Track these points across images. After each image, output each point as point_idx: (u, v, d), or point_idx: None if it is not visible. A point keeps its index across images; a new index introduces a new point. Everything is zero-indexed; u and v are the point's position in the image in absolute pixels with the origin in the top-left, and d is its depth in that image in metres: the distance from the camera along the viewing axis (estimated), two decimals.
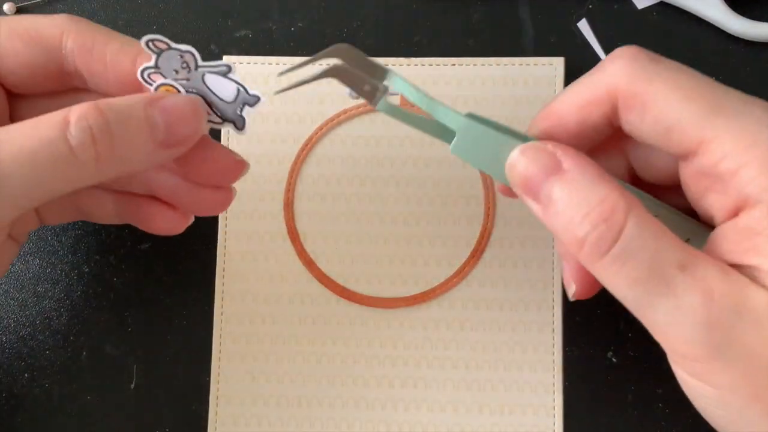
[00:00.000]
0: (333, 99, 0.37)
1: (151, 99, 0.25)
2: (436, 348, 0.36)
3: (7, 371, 0.37)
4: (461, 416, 0.35)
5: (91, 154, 0.24)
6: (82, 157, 0.24)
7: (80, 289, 0.37)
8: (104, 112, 0.24)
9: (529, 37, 0.38)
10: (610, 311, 0.36)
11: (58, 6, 0.39)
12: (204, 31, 0.38)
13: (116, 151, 0.25)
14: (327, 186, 0.37)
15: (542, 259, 0.36)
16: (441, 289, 0.36)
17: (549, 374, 0.35)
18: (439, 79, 0.37)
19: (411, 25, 0.38)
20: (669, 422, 0.35)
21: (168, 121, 0.25)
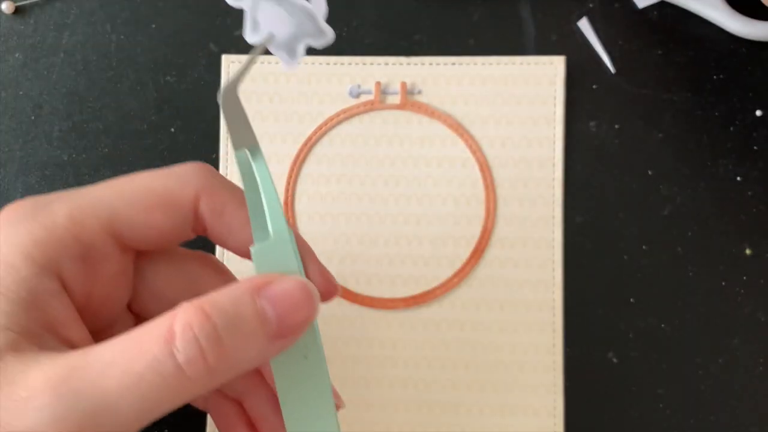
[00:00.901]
0: (333, 99, 0.37)
1: (257, 287, 0.23)
2: (436, 348, 0.36)
3: None
4: (462, 417, 0.35)
5: (200, 367, 0.22)
6: (192, 373, 0.22)
7: None
8: (210, 316, 0.22)
9: (529, 36, 0.37)
10: (611, 311, 0.36)
11: (57, 5, 0.38)
12: (204, 31, 0.38)
13: (227, 359, 0.22)
14: (327, 186, 0.37)
15: (543, 260, 0.36)
16: (441, 289, 0.36)
17: (549, 375, 0.35)
18: (439, 79, 0.37)
19: (411, 24, 0.38)
20: (669, 422, 0.35)
21: (280, 312, 0.23)
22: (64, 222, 0.24)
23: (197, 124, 0.38)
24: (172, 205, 0.25)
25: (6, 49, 0.38)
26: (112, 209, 0.24)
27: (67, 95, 0.38)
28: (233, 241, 0.26)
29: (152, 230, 0.25)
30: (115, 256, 0.25)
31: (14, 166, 0.38)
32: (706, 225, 0.36)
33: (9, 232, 0.23)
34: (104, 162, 0.38)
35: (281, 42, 0.27)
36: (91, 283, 0.24)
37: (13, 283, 0.22)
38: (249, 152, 0.24)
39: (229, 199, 0.26)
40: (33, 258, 0.23)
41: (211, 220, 0.26)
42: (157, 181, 0.25)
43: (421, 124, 0.37)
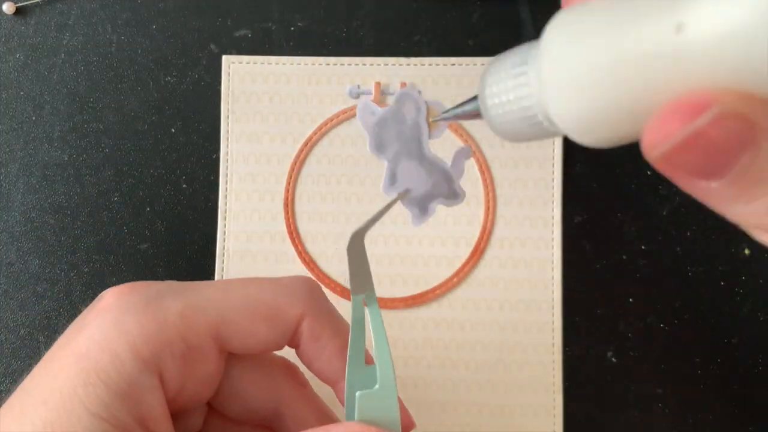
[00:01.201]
0: (333, 99, 0.37)
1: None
2: (436, 348, 0.36)
3: (7, 371, 0.37)
4: (461, 416, 0.35)
5: None
6: None
7: (79, 289, 0.37)
8: None
9: (529, 37, 0.37)
10: (610, 311, 0.36)
11: (58, 6, 0.39)
12: (204, 31, 0.38)
13: None
14: (327, 186, 0.37)
15: (542, 260, 0.36)
16: (441, 289, 0.36)
17: (549, 374, 0.35)
18: (439, 79, 0.37)
19: (411, 24, 0.38)
20: (669, 422, 0.35)
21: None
22: (175, 321, 0.24)
23: (197, 124, 0.38)
24: (277, 320, 0.25)
25: (7, 50, 0.39)
26: (220, 314, 0.25)
27: (68, 95, 0.38)
28: (320, 367, 0.27)
29: (254, 339, 0.25)
30: (213, 357, 0.25)
31: (15, 166, 0.38)
32: (706, 225, 0.36)
33: (119, 319, 0.23)
34: (105, 162, 0.38)
35: (415, 198, 0.27)
36: (185, 380, 0.24)
37: (116, 374, 0.23)
38: (365, 298, 0.25)
39: (328, 327, 0.26)
40: (139, 353, 0.23)
41: (306, 342, 0.26)
42: (267, 292, 0.26)
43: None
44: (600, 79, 0.15)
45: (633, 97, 0.14)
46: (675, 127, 0.14)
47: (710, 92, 0.14)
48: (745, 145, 0.14)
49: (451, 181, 0.26)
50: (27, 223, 0.37)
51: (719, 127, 0.14)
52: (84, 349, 0.23)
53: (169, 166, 0.38)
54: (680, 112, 0.14)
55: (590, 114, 0.15)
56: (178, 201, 0.37)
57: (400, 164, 0.26)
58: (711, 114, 0.14)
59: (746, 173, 0.15)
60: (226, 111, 0.37)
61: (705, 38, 0.13)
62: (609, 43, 0.14)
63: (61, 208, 0.38)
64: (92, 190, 0.38)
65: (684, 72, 0.13)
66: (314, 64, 0.38)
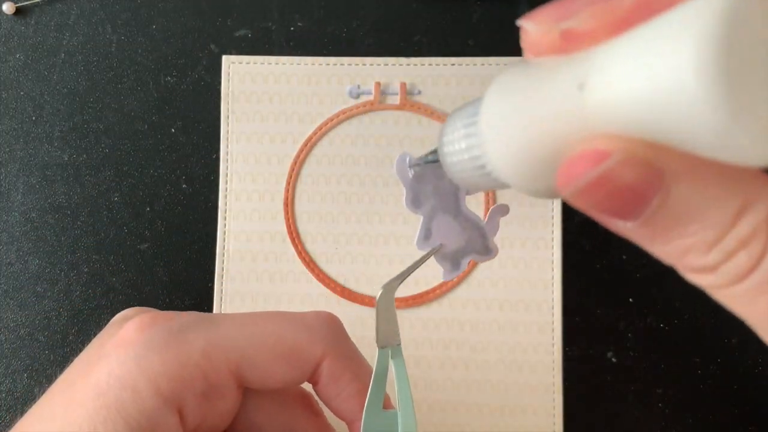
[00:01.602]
0: (333, 99, 0.37)
1: None
2: (436, 348, 0.36)
3: (7, 371, 0.37)
4: (461, 416, 0.35)
5: None
6: None
7: (79, 289, 0.37)
8: None
9: None
10: (610, 311, 0.36)
11: (57, 6, 0.39)
12: (204, 31, 0.38)
13: None
14: (327, 186, 0.37)
15: (542, 260, 0.36)
16: (441, 289, 0.36)
17: (549, 374, 0.35)
18: (439, 79, 0.37)
19: (411, 24, 0.38)
20: (669, 422, 0.35)
21: None
22: (197, 359, 0.24)
23: (197, 124, 0.38)
24: (298, 359, 0.25)
25: (7, 50, 0.39)
26: (242, 353, 0.25)
27: (68, 96, 0.38)
28: (336, 405, 0.27)
29: (273, 378, 0.25)
30: (232, 393, 0.25)
31: (15, 166, 0.38)
32: None
33: (141, 354, 0.23)
34: (105, 162, 0.38)
35: (447, 254, 0.27)
36: (204, 415, 0.24)
37: (136, 411, 0.23)
38: (391, 351, 0.25)
39: (348, 368, 0.26)
40: (160, 390, 0.23)
41: (325, 381, 0.26)
42: (289, 330, 0.26)
43: (421, 124, 0.37)
44: (521, 133, 0.16)
45: (548, 150, 0.16)
46: (581, 171, 0.15)
47: (613, 140, 0.15)
48: (652, 189, 0.15)
49: (485, 237, 0.26)
50: (27, 223, 0.37)
51: (622, 172, 0.15)
52: (104, 384, 0.23)
53: (169, 166, 0.38)
54: (585, 158, 0.15)
55: (520, 164, 0.16)
56: (178, 201, 0.37)
57: (435, 219, 0.26)
58: (613, 160, 0.15)
59: (657, 216, 0.15)
60: (226, 111, 0.37)
61: (600, 99, 0.14)
62: (526, 101, 0.16)
63: (60, 208, 0.38)
64: (92, 190, 0.38)
65: (588, 127, 0.15)
66: (314, 64, 0.38)
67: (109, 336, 0.25)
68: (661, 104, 0.13)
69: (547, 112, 0.15)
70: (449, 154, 0.19)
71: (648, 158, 0.15)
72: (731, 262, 0.16)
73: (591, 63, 0.14)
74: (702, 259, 0.17)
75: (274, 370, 0.25)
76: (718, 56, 0.12)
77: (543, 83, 0.15)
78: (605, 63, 0.14)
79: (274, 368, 0.25)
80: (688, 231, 0.16)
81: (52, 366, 0.37)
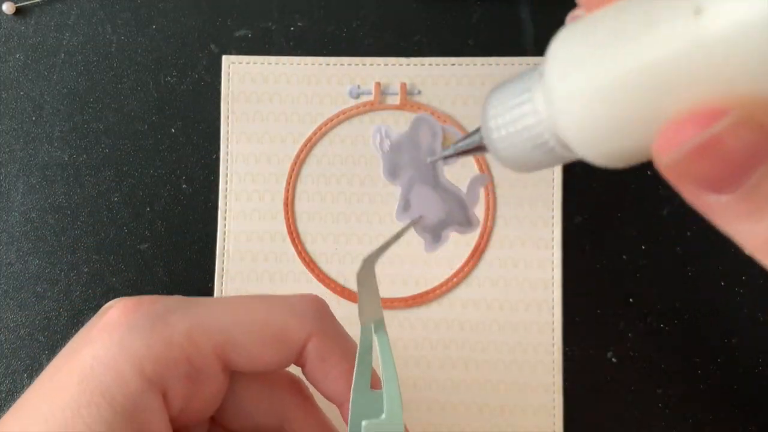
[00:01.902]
0: (333, 99, 0.37)
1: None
2: (435, 348, 0.36)
3: (7, 371, 0.37)
4: (461, 416, 0.35)
5: None
6: None
7: (79, 289, 0.37)
8: None
9: (529, 37, 0.37)
10: (610, 311, 0.36)
11: (57, 6, 0.39)
12: (204, 31, 0.38)
13: None
14: (327, 186, 0.37)
15: (542, 260, 0.36)
16: (441, 289, 0.36)
17: (549, 374, 0.35)
18: (439, 79, 0.37)
19: (411, 24, 0.38)
20: (669, 422, 0.35)
21: None
22: (181, 341, 0.24)
23: (197, 124, 0.38)
24: (284, 341, 0.25)
25: (7, 50, 0.39)
26: (227, 335, 0.24)
27: (68, 96, 0.38)
28: (325, 387, 0.26)
29: (259, 360, 0.25)
30: (218, 377, 0.25)
31: (15, 166, 0.38)
32: (706, 225, 0.36)
33: (125, 337, 0.23)
34: (105, 162, 0.38)
35: (428, 225, 0.27)
36: (189, 399, 0.24)
37: (120, 394, 0.22)
38: (374, 326, 0.25)
39: (336, 348, 0.26)
40: (144, 373, 0.23)
41: (313, 363, 0.26)
42: (275, 313, 0.25)
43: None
44: (614, 90, 0.14)
45: (650, 107, 0.13)
46: (689, 134, 0.13)
47: (728, 99, 0.13)
48: (762, 158, 0.13)
49: (466, 208, 0.26)
50: (27, 223, 0.37)
51: (735, 136, 0.13)
52: (88, 368, 0.23)
53: (169, 166, 0.38)
54: (695, 119, 0.13)
55: (606, 130, 0.14)
56: (178, 201, 0.37)
57: (413, 190, 0.26)
58: (727, 121, 0.13)
59: (759, 188, 0.14)
60: (226, 111, 0.37)
61: (725, 25, 0.11)
62: (621, 51, 0.13)
63: (60, 208, 0.38)
64: (92, 190, 0.38)
65: (702, 73, 0.12)
66: (314, 64, 0.38)
67: (94, 323, 0.24)
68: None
69: (650, 48, 0.12)
70: (497, 128, 0.17)
71: (764, 122, 0.13)
72: None
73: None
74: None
75: (259, 352, 0.25)
76: None
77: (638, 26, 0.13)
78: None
79: (260, 350, 0.25)
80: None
81: None
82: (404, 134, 0.35)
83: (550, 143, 0.16)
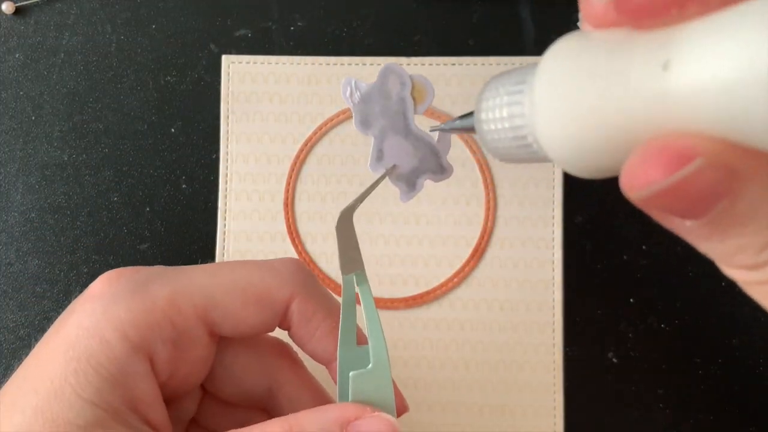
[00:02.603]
0: (332, 99, 0.37)
1: (348, 420, 0.23)
2: (436, 348, 0.36)
3: (7, 371, 0.37)
4: (462, 417, 0.35)
5: None
6: None
7: (79, 289, 0.37)
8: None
9: (529, 37, 0.37)
10: (610, 311, 0.36)
11: (57, 6, 0.39)
12: (204, 31, 0.38)
13: None
14: (327, 186, 0.37)
15: (542, 260, 0.36)
16: (441, 289, 0.36)
17: (549, 374, 0.35)
18: (439, 79, 0.37)
19: (411, 24, 0.38)
20: (669, 422, 0.35)
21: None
22: (163, 305, 0.24)
23: (197, 124, 0.38)
24: (267, 302, 0.25)
25: (6, 50, 0.38)
26: (209, 298, 0.25)
27: (68, 95, 0.38)
28: (312, 347, 0.27)
29: (243, 322, 0.25)
30: (203, 341, 0.25)
31: (15, 166, 0.38)
32: None
33: (108, 305, 0.24)
34: (104, 162, 0.38)
35: (402, 174, 0.27)
36: (176, 364, 0.25)
37: (106, 360, 0.23)
38: (355, 277, 0.25)
39: (319, 307, 0.26)
40: (128, 338, 0.23)
41: (297, 323, 0.26)
42: (256, 275, 0.26)
43: (421, 124, 0.37)
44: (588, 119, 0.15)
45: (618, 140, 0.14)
46: (656, 175, 0.14)
47: (694, 141, 0.13)
48: (723, 194, 0.14)
49: (438, 155, 0.26)
50: (26, 223, 0.37)
51: (701, 178, 0.14)
52: (73, 337, 0.23)
53: (169, 166, 0.38)
54: (662, 158, 0.14)
55: (576, 145, 0.15)
56: (178, 201, 0.37)
57: (386, 140, 0.26)
58: (695, 165, 0.14)
59: (722, 217, 0.15)
60: (226, 111, 0.37)
61: (690, 82, 0.13)
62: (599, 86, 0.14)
63: (60, 208, 0.37)
64: (92, 190, 0.38)
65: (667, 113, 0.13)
66: (314, 64, 0.37)
67: (79, 297, 0.25)
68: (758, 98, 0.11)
69: (621, 91, 0.14)
70: (487, 121, 0.18)
71: (730, 161, 0.14)
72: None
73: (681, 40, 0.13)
74: (752, 258, 0.16)
75: (243, 315, 0.25)
76: None
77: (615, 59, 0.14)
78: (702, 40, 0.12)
79: (244, 312, 0.25)
80: (746, 231, 0.15)
81: None
82: (373, 85, 0.35)
83: (534, 146, 0.17)
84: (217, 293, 0.25)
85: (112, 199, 0.37)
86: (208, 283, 0.25)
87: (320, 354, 0.27)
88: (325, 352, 0.26)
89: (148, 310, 0.24)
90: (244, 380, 0.27)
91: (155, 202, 0.37)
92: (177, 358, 0.24)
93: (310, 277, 0.27)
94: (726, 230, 0.15)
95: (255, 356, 0.27)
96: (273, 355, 0.28)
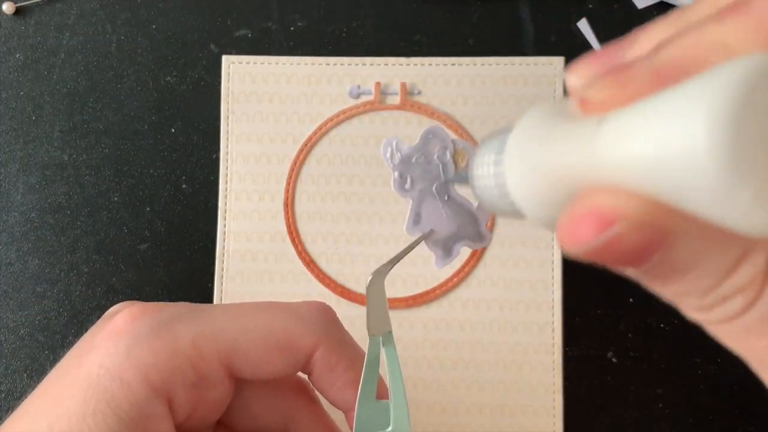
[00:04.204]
0: (332, 99, 0.37)
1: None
2: (436, 348, 0.36)
3: (7, 371, 0.37)
4: (461, 417, 0.35)
5: None
6: None
7: (79, 289, 0.37)
8: None
9: (529, 37, 0.37)
10: (610, 311, 0.36)
11: (57, 6, 0.39)
12: (204, 31, 0.38)
13: None
14: (327, 186, 0.37)
15: (542, 260, 0.36)
16: (441, 289, 0.36)
17: (549, 374, 0.35)
18: (439, 79, 0.37)
19: (411, 24, 0.38)
20: (669, 422, 0.35)
21: None
22: (187, 349, 0.24)
23: (197, 124, 0.38)
24: (290, 350, 0.25)
25: (7, 50, 0.38)
26: (232, 343, 0.24)
27: (68, 95, 0.38)
28: (333, 396, 0.26)
29: (265, 368, 0.25)
30: (223, 384, 0.25)
31: (15, 166, 0.38)
32: None
33: (131, 345, 0.23)
34: (104, 162, 0.38)
35: (439, 240, 0.28)
36: (194, 406, 0.24)
37: (126, 402, 0.23)
38: (383, 339, 0.25)
39: (343, 358, 0.26)
40: (150, 381, 0.23)
41: (319, 371, 0.26)
42: (280, 320, 0.25)
43: (421, 124, 0.37)
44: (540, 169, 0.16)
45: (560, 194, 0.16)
46: (586, 235, 0.15)
47: (618, 201, 0.14)
48: (655, 248, 0.15)
49: (478, 223, 0.26)
50: (27, 223, 0.37)
51: (627, 239, 0.15)
52: (95, 376, 0.23)
53: (169, 166, 0.38)
54: (590, 218, 0.15)
55: (537, 200, 0.17)
56: (178, 201, 0.37)
57: (424, 204, 0.26)
58: (618, 228, 0.14)
59: (660, 267, 0.16)
60: (226, 111, 0.37)
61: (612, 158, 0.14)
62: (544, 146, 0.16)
63: (60, 208, 0.38)
64: (92, 190, 0.38)
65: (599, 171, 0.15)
66: (314, 64, 0.38)
67: (100, 329, 0.24)
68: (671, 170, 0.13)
69: (561, 160, 0.16)
70: (477, 177, 0.20)
71: (653, 221, 0.14)
72: (727, 304, 0.17)
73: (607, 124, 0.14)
74: (698, 301, 0.17)
75: (265, 361, 0.25)
76: (727, 133, 0.12)
77: (562, 133, 0.16)
78: (620, 124, 0.14)
79: (266, 358, 0.25)
80: (686, 278, 0.16)
81: (52, 366, 0.36)
82: (415, 147, 0.35)
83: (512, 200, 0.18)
84: (240, 338, 0.24)
85: (112, 199, 0.38)
86: (232, 327, 0.25)
87: (340, 403, 0.26)
88: (344, 402, 0.26)
89: (172, 354, 0.23)
90: (260, 417, 0.27)
91: (155, 202, 0.37)
92: (196, 400, 0.24)
93: (334, 324, 0.26)
94: (667, 278, 0.16)
95: (273, 393, 0.27)
96: (291, 393, 0.27)
